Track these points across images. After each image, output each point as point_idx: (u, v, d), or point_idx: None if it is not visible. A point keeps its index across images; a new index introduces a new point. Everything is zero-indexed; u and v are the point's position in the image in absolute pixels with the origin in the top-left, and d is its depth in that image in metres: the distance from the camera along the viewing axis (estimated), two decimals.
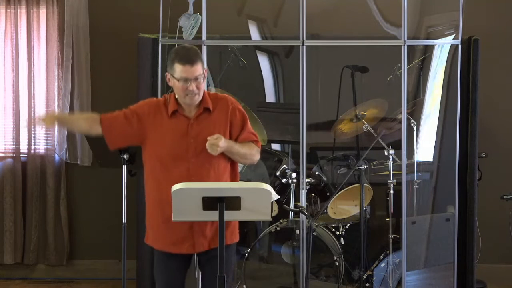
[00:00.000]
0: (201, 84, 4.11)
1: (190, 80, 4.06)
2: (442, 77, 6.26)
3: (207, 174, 4.11)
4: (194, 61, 4.07)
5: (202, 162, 4.11)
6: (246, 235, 6.28)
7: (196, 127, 4.14)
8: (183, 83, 4.07)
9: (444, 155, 6.24)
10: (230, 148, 4.12)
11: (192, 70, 4.06)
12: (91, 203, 6.90)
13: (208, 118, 4.17)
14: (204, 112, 4.17)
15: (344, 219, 6.10)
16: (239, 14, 6.52)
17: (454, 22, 5.91)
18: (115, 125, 4.20)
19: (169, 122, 4.15)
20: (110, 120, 4.21)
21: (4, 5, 6.74)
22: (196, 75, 4.07)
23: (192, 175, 4.09)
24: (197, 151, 4.11)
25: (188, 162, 4.11)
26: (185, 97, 4.11)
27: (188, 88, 4.07)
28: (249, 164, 4.36)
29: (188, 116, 4.16)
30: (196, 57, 4.10)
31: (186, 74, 4.06)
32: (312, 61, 5.95)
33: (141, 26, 6.23)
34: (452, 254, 5.91)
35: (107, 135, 4.21)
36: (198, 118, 4.16)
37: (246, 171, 5.90)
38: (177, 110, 4.16)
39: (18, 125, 6.78)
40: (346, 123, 6.20)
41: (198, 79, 4.08)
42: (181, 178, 4.03)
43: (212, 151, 4.05)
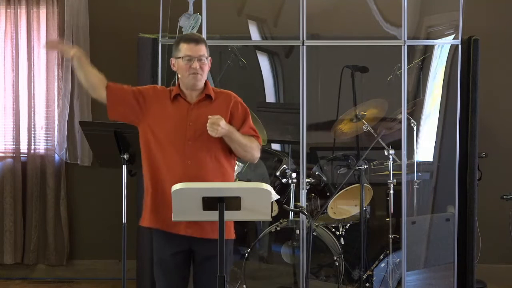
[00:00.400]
0: (205, 65, 4.16)
1: (194, 58, 4.12)
2: (442, 77, 6.26)
3: (203, 158, 4.12)
4: (199, 41, 4.16)
5: (200, 146, 4.12)
6: (246, 235, 6.28)
7: (196, 111, 4.17)
8: (187, 62, 4.12)
9: (444, 155, 6.25)
10: (231, 134, 4.11)
11: (197, 49, 4.13)
12: (91, 203, 6.90)
13: (209, 105, 4.19)
14: (206, 100, 4.21)
15: (344, 219, 6.10)
16: (239, 14, 6.52)
17: (454, 22, 5.91)
18: (120, 95, 4.22)
19: (171, 105, 4.19)
20: (117, 88, 4.25)
21: (4, 5, 6.74)
22: (200, 54, 4.13)
23: (187, 158, 4.10)
24: (195, 134, 4.12)
25: (184, 145, 4.11)
26: (188, 76, 4.14)
27: (191, 66, 4.12)
28: (248, 159, 4.32)
29: (189, 101, 4.20)
30: (201, 39, 4.21)
31: (190, 51, 4.12)
32: (312, 61, 5.95)
33: (141, 26, 6.23)
34: (452, 254, 5.91)
35: (110, 102, 4.22)
36: (199, 103, 4.19)
37: (246, 171, 5.91)
38: (179, 94, 4.20)
39: (18, 125, 6.78)
40: (346, 123, 6.20)
41: (202, 59, 4.14)
42: (177, 160, 4.08)
43: (212, 131, 4.05)
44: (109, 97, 4.22)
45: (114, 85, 4.26)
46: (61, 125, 6.75)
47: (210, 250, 4.10)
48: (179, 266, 4.22)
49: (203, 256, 4.19)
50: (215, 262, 3.99)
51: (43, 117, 6.85)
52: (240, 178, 5.84)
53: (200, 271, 4.21)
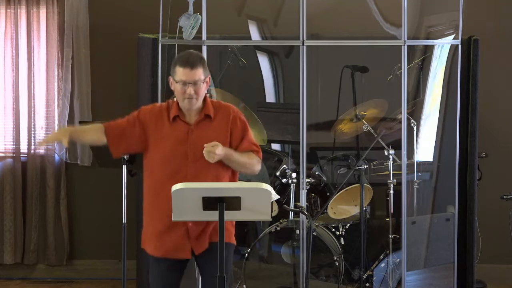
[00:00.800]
0: (200, 90, 4.10)
1: (189, 84, 4.07)
2: (442, 77, 6.26)
3: (205, 179, 4.10)
4: (194, 65, 4.08)
5: (201, 168, 4.11)
6: (246, 235, 6.28)
7: (195, 133, 4.14)
8: (182, 86, 4.08)
9: (444, 155, 6.24)
10: (229, 156, 4.11)
11: (191, 74, 4.07)
12: (91, 203, 6.90)
13: (209, 125, 4.17)
14: (205, 119, 4.18)
15: (344, 219, 6.10)
16: (239, 14, 6.52)
17: (454, 22, 5.91)
18: (118, 132, 4.20)
19: (170, 127, 4.16)
20: (114, 129, 4.21)
21: (4, 5, 6.74)
22: (195, 79, 4.07)
23: (189, 180, 4.08)
24: (195, 157, 4.10)
25: (186, 168, 4.11)
26: (183, 101, 4.11)
27: (186, 91, 4.07)
28: (249, 174, 4.34)
29: (188, 122, 4.16)
30: (198, 61, 4.10)
31: (185, 77, 4.07)
32: (312, 61, 5.95)
33: (141, 26, 6.23)
34: (452, 254, 5.91)
35: (112, 144, 4.21)
36: (199, 124, 4.16)
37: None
38: (178, 115, 4.16)
39: (18, 125, 6.78)
40: (346, 123, 6.20)
41: (197, 83, 4.08)
42: (178, 182, 4.01)
43: (209, 158, 4.05)
44: (109, 139, 4.20)
45: (109, 126, 4.23)
46: (61, 125, 6.74)
47: (211, 254, 4.11)
48: (175, 269, 4.23)
49: (204, 259, 4.19)
50: (217, 260, 4.00)
51: (43, 117, 6.85)
52: (240, 178, 5.83)
53: (204, 269, 4.21)
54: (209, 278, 4.10)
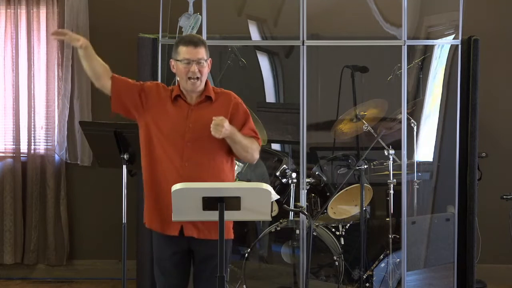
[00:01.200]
0: (204, 69, 4.13)
1: (193, 62, 4.10)
2: (442, 77, 6.26)
3: (200, 160, 4.12)
4: (198, 44, 4.12)
5: (198, 148, 4.12)
6: (246, 235, 6.28)
7: (196, 113, 4.16)
8: (186, 65, 4.10)
9: (444, 155, 6.24)
10: (233, 135, 4.11)
11: (195, 52, 4.10)
12: (91, 203, 6.90)
13: (209, 107, 4.19)
14: (206, 101, 4.20)
15: (344, 219, 6.10)
16: (239, 14, 6.52)
17: (454, 22, 5.91)
18: (124, 87, 4.23)
19: (171, 106, 4.18)
20: (121, 80, 4.25)
21: (4, 5, 6.74)
22: (198, 57, 4.10)
23: (185, 160, 4.11)
24: (194, 136, 4.12)
25: (184, 146, 4.12)
26: (187, 81, 4.13)
27: (190, 70, 4.10)
28: (248, 160, 4.33)
29: (189, 103, 4.19)
30: (200, 41, 4.16)
31: (189, 55, 4.10)
32: (312, 61, 5.95)
33: (141, 26, 6.23)
34: (452, 254, 5.91)
35: (114, 92, 4.22)
36: (199, 105, 4.19)
37: (246, 171, 5.91)
38: (180, 95, 4.19)
39: (18, 125, 6.78)
40: (346, 123, 6.20)
41: (200, 62, 4.11)
42: (174, 161, 4.09)
43: (216, 132, 4.04)
44: (113, 88, 4.22)
45: (118, 77, 4.27)
46: (61, 125, 6.75)
47: (209, 250, 4.12)
48: (178, 266, 4.22)
49: (202, 256, 4.19)
50: (214, 261, 4.00)
51: (43, 117, 6.85)
52: (240, 178, 5.83)
53: (199, 271, 4.22)
54: (203, 273, 4.14)
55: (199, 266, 4.21)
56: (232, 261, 5.96)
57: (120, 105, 4.25)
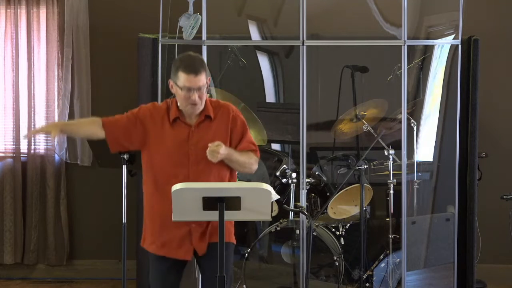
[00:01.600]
0: (204, 94, 4.11)
1: (193, 90, 4.06)
2: (442, 77, 6.25)
3: (207, 180, 4.12)
4: (199, 71, 4.06)
5: (202, 169, 4.12)
6: (246, 235, 6.28)
7: (196, 134, 4.15)
8: (186, 92, 4.07)
9: (444, 155, 6.24)
10: (230, 156, 4.11)
11: (196, 80, 4.06)
12: (91, 203, 6.90)
13: (209, 126, 4.17)
14: (205, 120, 4.18)
15: (344, 219, 6.10)
16: (239, 14, 6.52)
17: (454, 22, 5.91)
18: (117, 129, 4.19)
19: (170, 129, 4.16)
20: (113, 123, 4.20)
21: (4, 5, 6.74)
22: (199, 85, 4.07)
23: (192, 181, 4.09)
24: (197, 158, 4.11)
25: (188, 169, 4.12)
26: (186, 106, 4.11)
27: (190, 97, 4.07)
28: (246, 173, 4.35)
29: (189, 124, 4.16)
30: (201, 67, 4.10)
31: (189, 83, 4.06)
32: (312, 61, 5.95)
33: (141, 26, 6.23)
34: (452, 254, 5.91)
35: (110, 139, 4.20)
36: (199, 126, 4.17)
37: None
38: (179, 117, 4.16)
39: (18, 125, 6.78)
40: (346, 123, 6.20)
41: (201, 89, 4.08)
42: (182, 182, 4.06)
43: (212, 158, 4.05)
44: (107, 135, 4.18)
45: (109, 122, 4.20)
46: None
47: (211, 252, 4.12)
48: (173, 269, 4.24)
49: (205, 257, 4.20)
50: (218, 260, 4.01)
51: (43, 117, 6.84)
52: (240, 178, 5.83)
53: (205, 267, 4.22)
54: (210, 277, 4.11)
55: (204, 264, 4.21)
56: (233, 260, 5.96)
57: (118, 146, 4.24)
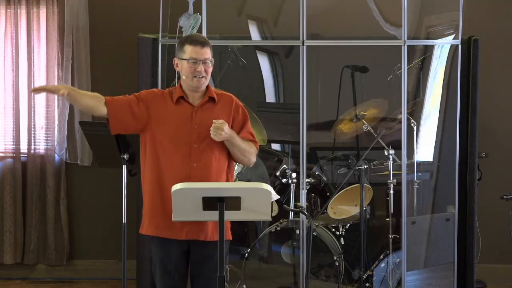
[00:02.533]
0: (209, 68, 4.16)
1: (200, 61, 4.11)
2: (442, 77, 6.26)
3: (208, 161, 4.13)
4: (205, 44, 4.15)
5: (204, 148, 4.13)
6: (246, 235, 6.28)
7: (200, 114, 4.17)
8: (192, 64, 4.11)
9: (444, 155, 6.24)
10: (232, 139, 4.13)
11: (202, 51, 4.12)
12: (91, 203, 6.90)
13: (212, 108, 4.20)
14: (209, 102, 4.21)
15: (344, 219, 6.10)
16: (239, 14, 6.52)
17: (454, 22, 5.91)
18: (120, 108, 4.17)
19: (174, 108, 4.18)
20: (116, 102, 4.17)
21: (4, 5, 6.74)
22: (205, 57, 4.13)
23: (193, 161, 4.12)
24: (200, 137, 4.13)
25: (190, 147, 4.12)
26: (192, 79, 4.14)
27: (196, 69, 4.11)
28: (245, 164, 4.36)
29: (192, 104, 4.19)
30: (206, 41, 4.18)
31: (196, 54, 4.11)
32: (312, 61, 5.95)
33: (141, 26, 6.23)
34: (452, 254, 5.91)
35: (112, 118, 4.17)
36: (203, 106, 4.19)
37: (246, 171, 5.91)
38: (182, 96, 4.19)
39: (18, 125, 6.78)
40: (346, 123, 6.20)
41: (206, 62, 4.13)
42: (182, 163, 4.09)
43: (216, 136, 4.06)
44: (109, 111, 4.15)
45: (112, 99, 4.19)
46: (61, 125, 6.75)
47: (207, 251, 4.13)
48: (178, 267, 4.22)
49: (199, 257, 4.19)
50: (211, 262, 4.02)
51: (43, 117, 6.85)
52: (240, 178, 5.84)
53: (197, 271, 4.21)
54: (201, 274, 4.15)
55: (197, 267, 4.21)
56: (232, 261, 5.97)
57: (119, 125, 4.20)
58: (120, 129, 4.25)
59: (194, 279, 4.24)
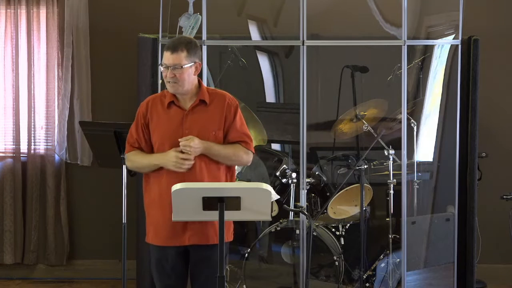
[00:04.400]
0: (182, 74, 4.10)
1: (169, 67, 4.09)
2: (442, 77, 6.26)
3: (199, 165, 4.12)
4: (176, 49, 4.09)
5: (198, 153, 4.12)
6: (246, 235, 6.28)
7: (190, 118, 4.16)
8: (164, 69, 4.12)
9: (444, 155, 6.25)
10: (208, 150, 4.12)
11: (171, 58, 4.09)
12: (91, 203, 6.90)
13: (204, 110, 4.18)
14: (200, 105, 4.19)
15: (344, 219, 6.10)
16: (239, 14, 6.52)
17: (454, 22, 5.91)
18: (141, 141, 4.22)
19: (165, 113, 4.18)
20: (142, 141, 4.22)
21: (4, 5, 6.74)
22: (174, 63, 4.09)
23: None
24: None
25: (183, 152, 4.11)
26: (167, 84, 4.15)
27: (167, 75, 4.11)
28: (239, 165, 4.35)
29: (183, 108, 4.18)
30: (180, 45, 4.11)
31: (166, 60, 4.11)
32: (312, 61, 5.95)
33: (141, 26, 6.23)
34: (452, 254, 5.91)
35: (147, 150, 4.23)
36: (193, 109, 4.18)
37: (246, 171, 5.91)
38: (173, 101, 4.19)
39: (18, 125, 6.78)
40: (346, 123, 6.20)
41: (176, 67, 4.09)
42: None
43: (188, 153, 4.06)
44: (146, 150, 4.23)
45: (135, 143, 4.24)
46: (61, 125, 6.75)
47: (206, 251, 4.13)
48: (176, 267, 4.22)
49: (198, 258, 4.19)
50: (211, 264, 4.02)
51: (43, 117, 6.84)
52: (240, 178, 5.84)
53: (196, 272, 4.21)
54: (200, 274, 4.15)
55: (196, 267, 4.21)
56: (232, 261, 5.97)
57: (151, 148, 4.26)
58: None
59: (193, 280, 4.24)
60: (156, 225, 4.20)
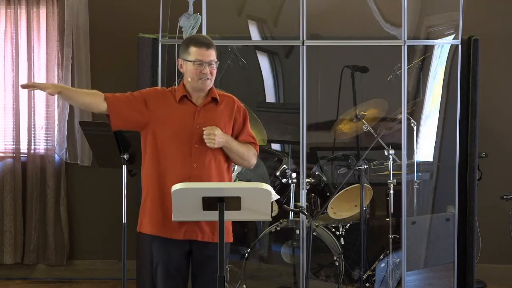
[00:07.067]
0: (214, 71, 4.16)
1: (205, 64, 4.11)
2: (442, 77, 6.26)
3: (209, 161, 4.13)
4: (210, 46, 4.14)
5: (205, 149, 4.12)
6: (246, 235, 6.28)
7: (202, 114, 4.17)
8: (198, 66, 4.11)
9: (444, 155, 6.25)
10: (229, 144, 4.14)
11: (208, 53, 4.12)
12: (91, 203, 6.90)
13: (215, 109, 4.20)
14: (212, 102, 4.21)
15: (344, 219, 6.10)
16: (239, 14, 6.52)
17: (454, 22, 5.91)
18: (121, 104, 4.16)
19: (177, 106, 4.17)
20: (116, 99, 4.16)
21: (4, 5, 6.74)
22: (210, 59, 4.12)
23: (194, 161, 4.12)
24: (201, 138, 4.12)
25: (191, 147, 4.12)
26: (197, 81, 4.13)
27: (202, 71, 4.11)
28: (245, 166, 4.38)
29: (195, 103, 4.19)
30: (211, 43, 4.17)
31: (201, 56, 4.11)
32: (312, 61, 5.95)
33: (141, 26, 6.23)
34: (452, 254, 5.91)
35: (112, 113, 4.15)
36: (205, 106, 4.19)
37: (246, 171, 5.90)
38: (185, 95, 4.19)
39: (18, 125, 6.78)
40: (346, 123, 6.20)
41: (212, 64, 4.13)
42: (183, 163, 4.09)
43: (209, 142, 4.07)
44: (110, 107, 4.13)
45: (112, 94, 4.18)
46: (61, 125, 6.75)
47: (208, 252, 4.13)
48: (180, 268, 4.22)
49: (201, 257, 4.19)
50: (213, 263, 4.01)
51: (43, 117, 6.85)
52: (240, 178, 5.84)
53: (198, 272, 4.21)
54: (203, 274, 4.15)
55: (198, 268, 4.21)
56: (232, 261, 5.97)
57: (120, 120, 4.18)
58: (121, 125, 4.23)
59: (195, 280, 4.24)
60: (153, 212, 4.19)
